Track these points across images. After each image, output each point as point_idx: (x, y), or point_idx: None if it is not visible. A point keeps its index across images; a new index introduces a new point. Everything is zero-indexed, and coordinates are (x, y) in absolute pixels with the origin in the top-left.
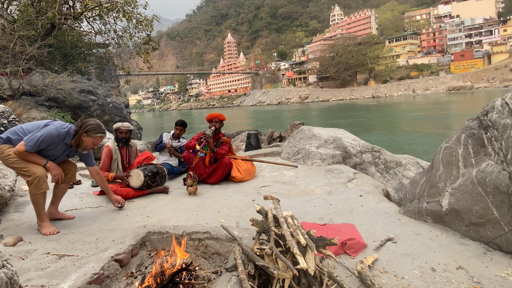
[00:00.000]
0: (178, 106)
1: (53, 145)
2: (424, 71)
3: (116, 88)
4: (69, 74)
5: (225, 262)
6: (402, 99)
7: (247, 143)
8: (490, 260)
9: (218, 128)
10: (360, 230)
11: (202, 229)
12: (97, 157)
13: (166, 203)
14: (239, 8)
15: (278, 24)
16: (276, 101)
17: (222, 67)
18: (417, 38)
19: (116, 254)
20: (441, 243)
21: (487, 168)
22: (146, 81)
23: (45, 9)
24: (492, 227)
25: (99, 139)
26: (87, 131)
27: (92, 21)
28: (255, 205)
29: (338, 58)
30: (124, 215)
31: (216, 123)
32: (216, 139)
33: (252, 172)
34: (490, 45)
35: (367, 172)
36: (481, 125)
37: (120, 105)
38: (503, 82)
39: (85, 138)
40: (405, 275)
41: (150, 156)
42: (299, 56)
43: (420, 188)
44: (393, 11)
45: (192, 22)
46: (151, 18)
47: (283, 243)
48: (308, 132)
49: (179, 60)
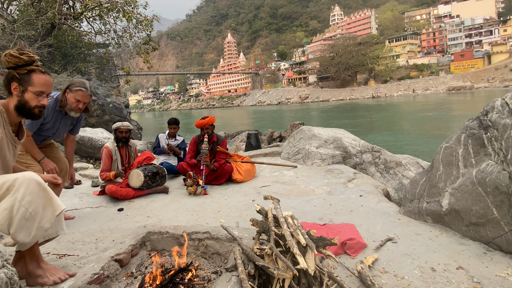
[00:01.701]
0: (178, 106)
1: (48, 117)
2: (424, 71)
3: (116, 88)
4: (69, 74)
5: (225, 262)
6: (402, 99)
7: (247, 143)
8: (490, 260)
9: (211, 133)
10: (360, 230)
11: (202, 229)
12: (98, 158)
13: (166, 203)
14: (239, 8)
15: (278, 24)
16: (276, 101)
17: (222, 67)
18: (417, 38)
19: (116, 254)
20: (441, 243)
21: (487, 168)
22: (146, 81)
23: (45, 9)
24: (492, 227)
25: (79, 93)
26: (69, 87)
27: (92, 21)
28: (255, 205)
29: (338, 58)
30: (124, 215)
31: (207, 129)
32: (211, 143)
33: (252, 172)
34: (490, 45)
35: (367, 172)
36: (481, 125)
37: (120, 105)
38: (503, 82)
39: (68, 95)
40: (405, 275)
41: (150, 156)
42: (299, 56)
43: (420, 188)
44: (393, 11)
45: (192, 22)
46: (151, 18)
47: (283, 243)
48: (308, 132)
49: (179, 60)
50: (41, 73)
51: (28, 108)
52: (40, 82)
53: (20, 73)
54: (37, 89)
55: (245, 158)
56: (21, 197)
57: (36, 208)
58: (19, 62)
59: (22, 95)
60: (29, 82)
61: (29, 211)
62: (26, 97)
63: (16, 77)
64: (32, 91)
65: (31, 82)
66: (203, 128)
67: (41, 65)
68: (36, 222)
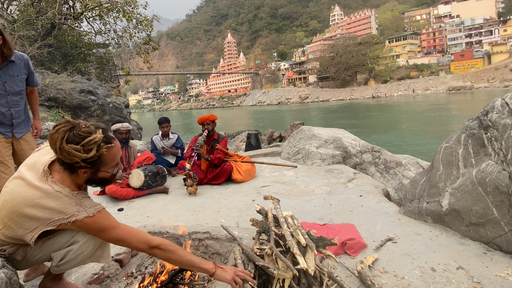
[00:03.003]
0: (178, 106)
1: None
2: (424, 71)
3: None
4: (69, 74)
5: (225, 262)
6: (402, 99)
7: (247, 143)
8: (490, 260)
9: (212, 130)
10: (360, 230)
11: (202, 229)
12: None
13: (166, 203)
14: (239, 8)
15: (278, 24)
16: (276, 101)
17: (222, 67)
18: (417, 38)
19: (116, 254)
20: (441, 243)
21: (487, 168)
22: (146, 81)
23: (45, 9)
24: (492, 227)
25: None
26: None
27: (92, 21)
28: (255, 205)
29: (338, 58)
30: (124, 215)
31: (208, 125)
32: (211, 141)
33: (252, 172)
34: (490, 45)
35: (367, 172)
36: (481, 125)
37: (120, 105)
38: (503, 82)
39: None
40: (405, 275)
41: (150, 156)
42: (299, 56)
43: (420, 188)
44: (393, 11)
45: (192, 22)
46: (151, 18)
47: (283, 243)
48: (308, 132)
49: (179, 60)
50: (110, 149)
51: (104, 181)
52: (113, 159)
53: (89, 161)
54: (111, 165)
55: (245, 158)
56: (84, 240)
57: (87, 250)
58: (85, 158)
59: (95, 175)
60: (101, 164)
61: (84, 254)
62: (100, 175)
63: (84, 166)
64: (105, 170)
65: (104, 163)
66: (203, 124)
67: (105, 137)
68: (80, 260)
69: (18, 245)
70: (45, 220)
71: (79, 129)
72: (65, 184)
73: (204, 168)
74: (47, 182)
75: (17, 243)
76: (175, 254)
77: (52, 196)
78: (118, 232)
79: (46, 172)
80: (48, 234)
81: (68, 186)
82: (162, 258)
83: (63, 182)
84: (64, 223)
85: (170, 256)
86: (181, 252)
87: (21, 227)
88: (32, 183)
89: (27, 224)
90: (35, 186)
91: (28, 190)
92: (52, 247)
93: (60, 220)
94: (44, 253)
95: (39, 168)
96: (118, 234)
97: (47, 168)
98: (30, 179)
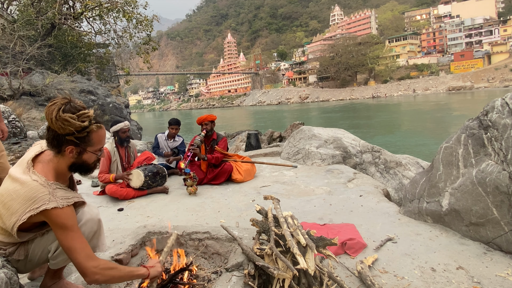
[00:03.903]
0: (178, 106)
1: None
2: (424, 71)
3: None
4: (69, 74)
5: (225, 262)
6: (402, 99)
7: (247, 143)
8: (490, 260)
9: (210, 130)
10: (360, 230)
11: (202, 229)
12: None
13: (166, 203)
14: (239, 8)
15: (278, 24)
16: (276, 101)
17: (222, 67)
18: (417, 38)
19: (116, 254)
20: (441, 243)
21: (487, 168)
22: (146, 81)
23: (45, 9)
24: (492, 227)
25: None
26: None
27: (92, 21)
28: (255, 205)
29: (338, 58)
30: (124, 215)
31: (206, 125)
32: (210, 141)
33: (252, 172)
34: (490, 45)
35: (367, 172)
36: (481, 125)
37: (120, 105)
38: (503, 82)
39: None
40: (405, 275)
41: (151, 156)
42: (299, 56)
43: (420, 188)
44: (393, 11)
45: (192, 22)
46: (151, 18)
47: (283, 243)
48: (308, 132)
49: (179, 60)
50: (98, 129)
51: (87, 166)
52: (99, 140)
53: (78, 137)
54: (97, 148)
55: (245, 158)
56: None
57: None
58: (78, 128)
59: (80, 156)
60: (88, 143)
61: None
62: (85, 157)
63: (72, 141)
64: (91, 151)
65: (91, 142)
66: (202, 124)
67: (95, 117)
68: None
69: (18, 244)
70: (21, 214)
71: (75, 103)
72: (43, 173)
73: (204, 168)
74: (28, 173)
75: (16, 243)
76: (117, 270)
77: (28, 186)
78: (74, 237)
79: (29, 165)
80: (43, 228)
81: (46, 175)
82: (105, 278)
83: (42, 172)
84: (34, 215)
85: (113, 273)
86: (120, 267)
87: (8, 221)
88: (15, 177)
89: (13, 218)
90: (17, 178)
91: (11, 184)
92: (48, 241)
93: (31, 212)
94: (43, 249)
95: (24, 162)
96: (73, 238)
97: (30, 161)
98: (15, 174)
